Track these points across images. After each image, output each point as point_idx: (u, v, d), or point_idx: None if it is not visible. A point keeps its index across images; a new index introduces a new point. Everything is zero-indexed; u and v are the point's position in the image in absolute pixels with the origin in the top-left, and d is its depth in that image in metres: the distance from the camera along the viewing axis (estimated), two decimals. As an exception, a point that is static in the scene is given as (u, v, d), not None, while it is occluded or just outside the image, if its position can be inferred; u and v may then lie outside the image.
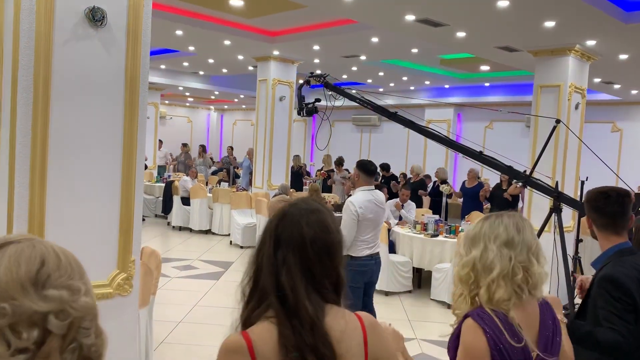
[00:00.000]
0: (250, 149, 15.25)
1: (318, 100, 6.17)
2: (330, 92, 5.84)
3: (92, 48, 2.80)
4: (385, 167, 11.54)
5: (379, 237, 4.86)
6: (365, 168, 4.66)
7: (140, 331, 3.93)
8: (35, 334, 0.85)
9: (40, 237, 2.65)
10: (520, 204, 9.17)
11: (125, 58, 2.91)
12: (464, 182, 9.87)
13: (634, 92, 10.73)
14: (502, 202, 8.84)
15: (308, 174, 13.45)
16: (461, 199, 10.00)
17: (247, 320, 1.38)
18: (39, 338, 0.85)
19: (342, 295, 1.46)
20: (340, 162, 12.67)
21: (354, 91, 5.84)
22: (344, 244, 3.38)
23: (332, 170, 12.44)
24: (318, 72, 5.93)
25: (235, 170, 14.49)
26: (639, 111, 12.29)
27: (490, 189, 9.40)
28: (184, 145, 14.91)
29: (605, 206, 2.32)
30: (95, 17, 2.76)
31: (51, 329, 0.86)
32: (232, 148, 16.43)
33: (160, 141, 15.28)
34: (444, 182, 10.22)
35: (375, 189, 4.81)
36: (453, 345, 1.77)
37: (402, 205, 8.64)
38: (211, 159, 16.68)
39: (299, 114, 6.51)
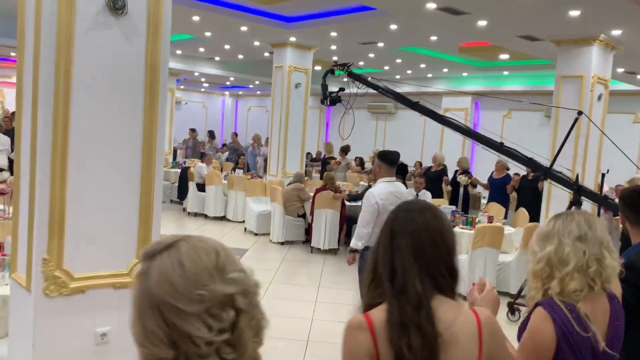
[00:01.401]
0: (255, 136, 15.30)
1: (342, 89, 6.13)
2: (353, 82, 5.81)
3: (113, 37, 2.78)
4: (394, 154, 11.39)
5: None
6: (387, 158, 4.60)
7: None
8: (232, 314, 0.96)
9: (61, 226, 2.67)
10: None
11: (145, 47, 2.88)
12: (491, 174, 9.66)
13: (657, 82, 10.51)
14: (529, 193, 8.71)
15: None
16: (487, 190, 9.82)
17: (368, 304, 1.53)
18: (234, 318, 0.96)
19: (458, 282, 1.55)
20: (345, 149, 12.64)
21: (380, 83, 5.81)
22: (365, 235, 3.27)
23: (333, 157, 12.45)
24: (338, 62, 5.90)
25: (257, 158, 14.48)
26: (662, 102, 12.05)
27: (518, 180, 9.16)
28: (192, 130, 14.97)
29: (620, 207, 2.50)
30: (117, 6, 2.73)
31: (241, 307, 0.97)
32: (236, 134, 16.44)
33: None
34: (466, 172, 10.07)
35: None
36: (522, 333, 1.87)
37: (417, 195, 8.59)
38: (225, 144, 16.68)
39: (322, 103, 6.49)
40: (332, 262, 8.10)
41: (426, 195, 8.66)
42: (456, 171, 10.47)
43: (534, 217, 8.22)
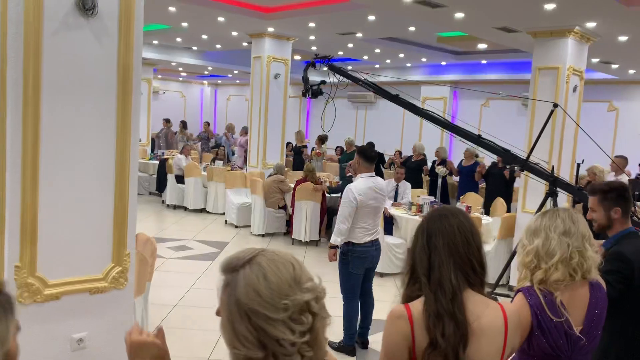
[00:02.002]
0: (229, 125, 15.23)
1: (323, 82, 6.11)
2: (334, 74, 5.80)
3: (83, 38, 2.72)
4: (370, 145, 11.45)
5: (379, 224, 4.86)
6: (366, 154, 4.61)
7: (136, 318, 3.94)
8: (310, 318, 1.12)
9: (33, 232, 2.63)
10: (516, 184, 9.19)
11: (117, 48, 2.83)
12: (460, 161, 9.88)
13: (631, 71, 10.66)
14: (498, 181, 8.95)
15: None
16: (457, 178, 10.03)
17: (407, 298, 1.72)
18: (311, 321, 1.13)
19: (486, 276, 1.73)
20: (322, 139, 12.66)
21: (360, 75, 5.80)
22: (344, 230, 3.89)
23: (305, 146, 12.47)
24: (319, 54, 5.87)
25: (231, 147, 14.40)
26: (636, 91, 12.24)
27: (487, 167, 9.40)
28: (167, 121, 14.86)
29: (629, 197, 2.78)
30: (86, 6, 2.67)
31: (315, 312, 1.14)
32: (208, 123, 16.31)
33: None
34: (444, 161, 10.22)
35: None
36: None
37: (397, 185, 8.64)
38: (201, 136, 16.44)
39: (304, 95, 6.47)
40: (313, 253, 8.12)
41: (406, 186, 8.72)
42: (434, 161, 10.58)
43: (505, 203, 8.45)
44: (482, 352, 1.64)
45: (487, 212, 8.38)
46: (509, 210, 8.30)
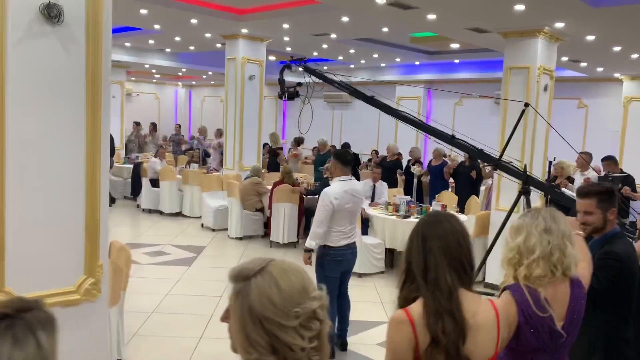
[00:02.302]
0: (201, 128, 15.13)
1: (300, 84, 6.11)
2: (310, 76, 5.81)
3: (49, 46, 2.67)
4: (345, 146, 11.58)
5: (357, 228, 4.86)
6: (342, 158, 4.61)
7: (111, 328, 3.88)
8: (318, 325, 1.20)
9: (0, 246, 2.56)
10: (490, 181, 9.38)
11: (85, 56, 2.78)
12: (430, 161, 10.08)
13: (599, 69, 10.89)
14: (466, 179, 9.18)
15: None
16: (428, 177, 10.20)
17: (404, 299, 1.81)
18: (319, 327, 1.20)
19: (474, 276, 1.86)
20: (298, 141, 12.70)
21: (336, 77, 5.83)
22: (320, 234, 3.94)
23: (280, 148, 12.49)
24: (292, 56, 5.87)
25: (207, 150, 14.29)
26: (604, 88, 12.51)
27: (455, 167, 9.62)
28: (137, 124, 14.73)
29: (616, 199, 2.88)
30: (52, 14, 2.62)
31: (322, 318, 1.21)
32: (180, 126, 16.17)
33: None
34: (418, 161, 10.36)
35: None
36: None
37: (374, 185, 8.68)
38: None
39: (280, 98, 6.46)
40: (291, 255, 8.10)
41: (383, 186, 8.78)
42: (409, 160, 10.71)
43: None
44: (479, 346, 1.75)
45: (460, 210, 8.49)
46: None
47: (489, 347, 1.80)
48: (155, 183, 10.79)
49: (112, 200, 11.80)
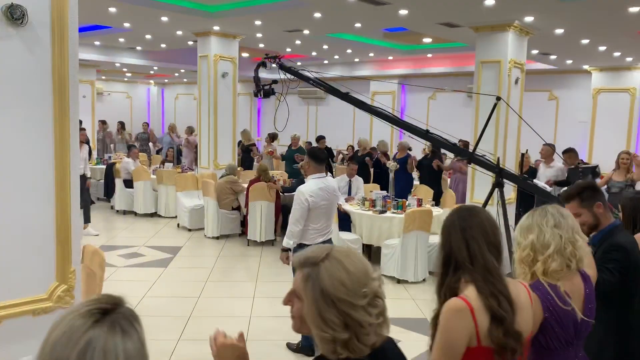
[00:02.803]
0: (171, 125, 15.01)
1: (275, 81, 6.07)
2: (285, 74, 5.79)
3: (12, 48, 2.59)
4: (320, 138, 11.64)
5: (332, 224, 4.86)
6: (315, 156, 4.59)
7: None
8: (382, 302, 1.35)
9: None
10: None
11: (51, 57, 2.71)
12: (395, 154, 10.28)
13: (568, 62, 11.09)
14: (429, 171, 9.54)
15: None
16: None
17: (451, 288, 1.87)
18: (382, 304, 1.35)
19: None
20: (272, 136, 12.67)
21: (311, 74, 5.82)
22: (296, 233, 4.11)
23: (254, 144, 12.47)
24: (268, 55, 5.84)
25: (180, 148, 14.12)
26: (574, 80, 12.75)
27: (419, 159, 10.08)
28: (102, 122, 14.54)
29: (601, 190, 2.95)
30: (15, 15, 2.54)
31: (381, 297, 1.36)
32: (147, 124, 15.98)
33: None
34: (385, 154, 10.55)
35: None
36: None
37: (350, 180, 8.70)
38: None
39: (255, 95, 6.42)
40: (269, 253, 8.08)
41: (359, 181, 8.81)
42: (378, 154, 10.92)
43: (437, 192, 9.02)
44: (523, 323, 1.86)
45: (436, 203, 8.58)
46: (438, 200, 8.75)
47: (529, 324, 1.92)
48: (129, 183, 10.63)
49: (93, 202, 11.60)
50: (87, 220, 8.78)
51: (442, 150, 9.38)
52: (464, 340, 1.80)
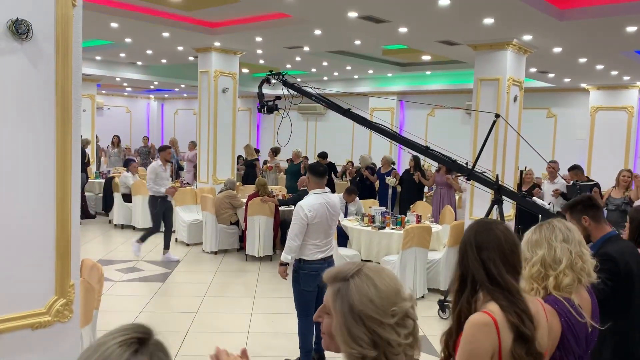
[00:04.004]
0: (172, 139, 15.05)
1: (278, 98, 6.13)
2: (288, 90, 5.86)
3: (17, 63, 2.61)
4: (323, 155, 11.74)
5: (333, 241, 4.82)
6: (315, 170, 4.57)
7: (83, 349, 3.78)
8: (412, 323, 1.32)
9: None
10: (463, 193, 9.62)
11: (55, 72, 2.73)
12: (379, 168, 10.47)
13: (566, 80, 11.18)
14: (411, 186, 9.81)
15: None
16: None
17: (468, 307, 1.86)
18: (413, 325, 1.33)
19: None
20: (275, 151, 12.73)
21: (313, 90, 5.89)
22: (294, 248, 4.08)
23: (257, 159, 12.54)
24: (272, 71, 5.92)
25: (180, 163, 14.15)
26: (572, 98, 12.84)
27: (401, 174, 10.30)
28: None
29: (596, 204, 3.03)
30: (20, 30, 2.56)
31: (412, 318, 1.33)
32: (147, 138, 16.00)
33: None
34: (370, 168, 10.77)
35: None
36: None
37: (347, 204, 8.69)
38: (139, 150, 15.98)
39: (259, 111, 6.48)
40: (267, 268, 8.05)
41: (358, 204, 8.80)
42: (359, 168, 11.19)
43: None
44: (542, 340, 1.85)
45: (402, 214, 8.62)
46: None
47: (545, 342, 1.90)
48: (127, 198, 10.62)
49: (94, 215, 11.57)
50: (167, 246, 8.43)
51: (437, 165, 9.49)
52: (488, 357, 1.78)
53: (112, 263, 7.94)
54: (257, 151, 13.73)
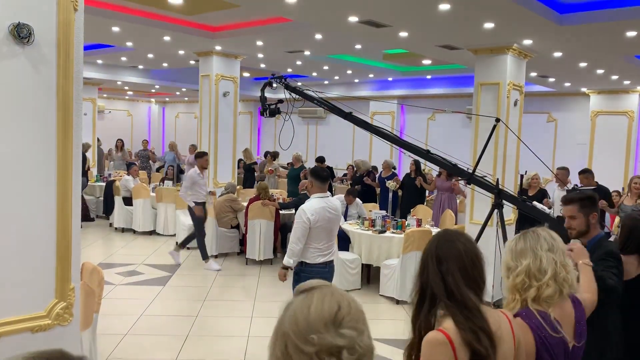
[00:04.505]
0: (171, 143, 15.08)
1: (281, 101, 6.14)
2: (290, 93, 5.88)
3: (18, 67, 2.63)
4: (320, 159, 11.77)
5: (334, 245, 4.83)
6: (318, 175, 4.60)
7: (83, 352, 3.78)
8: None
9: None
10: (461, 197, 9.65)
11: (56, 76, 2.74)
12: (380, 173, 10.48)
13: (567, 84, 11.19)
14: (412, 190, 9.80)
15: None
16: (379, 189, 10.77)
17: (427, 321, 1.82)
18: None
19: (485, 291, 1.87)
20: (274, 155, 12.76)
21: (315, 94, 5.91)
22: (297, 251, 3.98)
23: (255, 163, 12.57)
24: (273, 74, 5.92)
25: (181, 166, 14.15)
26: (572, 102, 12.84)
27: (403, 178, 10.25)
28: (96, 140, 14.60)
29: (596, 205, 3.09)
30: (21, 34, 2.58)
31: (335, 356, 1.11)
32: (146, 141, 16.00)
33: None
34: (369, 172, 10.81)
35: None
36: None
37: (347, 206, 8.70)
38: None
39: (262, 114, 6.50)
40: (267, 272, 8.05)
41: (358, 202, 8.81)
42: (355, 171, 11.18)
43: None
44: (504, 356, 1.80)
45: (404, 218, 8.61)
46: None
47: (510, 355, 1.85)
48: (128, 201, 10.63)
49: (93, 218, 11.57)
50: (205, 256, 8.15)
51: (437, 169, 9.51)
52: None
53: (113, 266, 7.94)
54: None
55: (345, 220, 8.40)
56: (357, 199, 8.85)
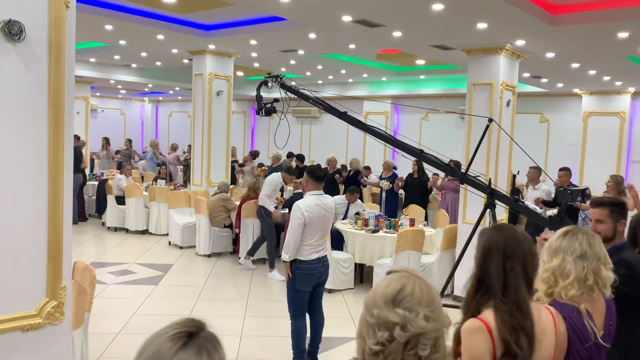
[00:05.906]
0: (152, 141, 15.06)
1: (276, 100, 6.15)
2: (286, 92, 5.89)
3: (9, 64, 2.60)
4: (301, 157, 11.74)
5: (327, 241, 4.91)
6: (314, 174, 4.72)
7: (75, 351, 3.76)
8: (386, 335, 1.32)
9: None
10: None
11: (48, 74, 2.72)
12: (381, 173, 10.45)
13: (559, 85, 11.24)
14: (414, 190, 9.67)
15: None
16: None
17: (475, 309, 1.90)
18: (387, 338, 1.32)
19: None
20: (254, 154, 12.79)
21: (311, 93, 5.93)
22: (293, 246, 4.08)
23: (236, 161, 12.62)
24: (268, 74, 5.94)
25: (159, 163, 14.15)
26: (565, 103, 12.91)
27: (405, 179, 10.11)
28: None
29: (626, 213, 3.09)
30: (12, 31, 2.56)
31: (395, 336, 1.31)
32: (130, 141, 15.92)
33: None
34: (357, 172, 10.78)
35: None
36: None
37: (349, 204, 8.68)
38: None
39: (257, 113, 6.50)
40: (260, 271, 8.04)
41: (359, 206, 8.79)
42: (349, 171, 11.17)
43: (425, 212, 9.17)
44: (544, 350, 1.88)
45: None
46: (426, 217, 9.00)
47: (550, 350, 1.92)
48: (120, 200, 10.59)
49: (86, 218, 11.49)
50: (272, 265, 7.83)
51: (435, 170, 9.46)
52: (488, 356, 1.81)
53: (105, 266, 7.91)
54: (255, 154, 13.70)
55: (345, 218, 8.41)
56: (359, 200, 8.86)
